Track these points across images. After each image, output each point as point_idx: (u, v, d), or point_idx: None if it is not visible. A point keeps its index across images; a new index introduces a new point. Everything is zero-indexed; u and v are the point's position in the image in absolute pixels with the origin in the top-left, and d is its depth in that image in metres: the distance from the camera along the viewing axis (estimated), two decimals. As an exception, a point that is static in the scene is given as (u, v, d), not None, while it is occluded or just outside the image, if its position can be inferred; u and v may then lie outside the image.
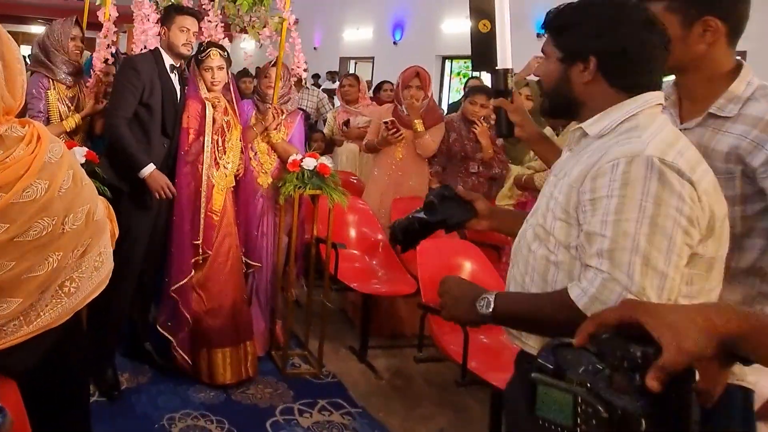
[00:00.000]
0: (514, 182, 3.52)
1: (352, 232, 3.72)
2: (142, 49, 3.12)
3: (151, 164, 2.78)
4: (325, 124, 5.41)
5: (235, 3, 3.28)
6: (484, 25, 1.54)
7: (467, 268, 2.92)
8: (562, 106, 1.28)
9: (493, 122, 1.64)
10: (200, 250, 2.91)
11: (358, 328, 3.54)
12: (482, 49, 1.55)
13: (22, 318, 1.26)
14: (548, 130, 3.83)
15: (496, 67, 1.54)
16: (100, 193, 1.66)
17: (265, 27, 3.28)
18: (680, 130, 1.25)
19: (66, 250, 1.32)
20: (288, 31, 3.19)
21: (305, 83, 5.95)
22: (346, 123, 4.68)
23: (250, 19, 3.39)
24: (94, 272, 1.43)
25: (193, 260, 2.92)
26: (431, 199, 1.45)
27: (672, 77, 1.37)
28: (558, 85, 1.24)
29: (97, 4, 3.20)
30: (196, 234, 2.90)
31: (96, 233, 1.42)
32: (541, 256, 1.21)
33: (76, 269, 1.38)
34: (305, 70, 3.46)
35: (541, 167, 3.11)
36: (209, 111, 2.92)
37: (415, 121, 3.71)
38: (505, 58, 1.53)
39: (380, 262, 3.61)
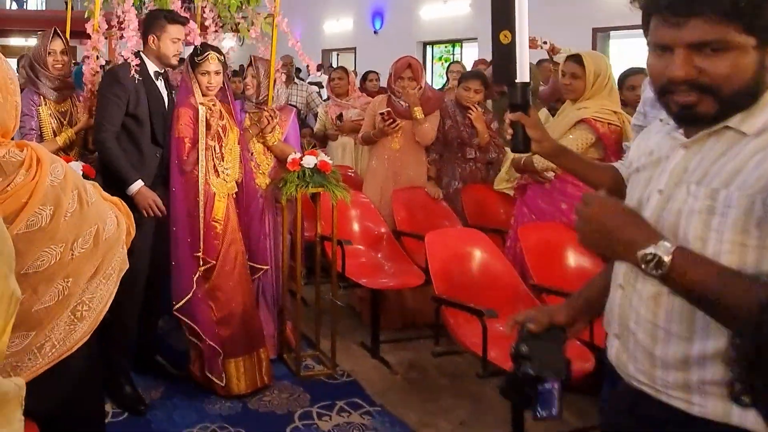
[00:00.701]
0: (512, 165, 3.45)
1: (356, 227, 3.64)
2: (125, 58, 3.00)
3: (139, 181, 2.71)
4: (316, 119, 5.31)
5: (223, 3, 3.18)
6: (505, 36, 1.46)
7: (477, 256, 2.85)
8: (746, 102, 1.00)
9: (509, 136, 1.55)
10: (200, 262, 2.81)
11: (368, 323, 3.47)
12: (502, 61, 1.46)
13: (36, 350, 1.19)
14: (543, 113, 3.77)
15: (515, 80, 1.46)
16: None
17: (252, 25, 3.20)
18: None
19: (77, 275, 1.25)
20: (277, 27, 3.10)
21: (293, 78, 5.84)
22: (339, 117, 4.58)
23: (239, 17, 3.30)
24: (103, 288, 1.36)
25: (195, 275, 2.82)
26: (522, 352, 1.21)
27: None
28: (757, 79, 0.99)
29: (85, 16, 3.06)
30: (197, 246, 2.80)
31: (107, 252, 1.34)
32: None
33: (86, 292, 1.31)
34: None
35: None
36: (202, 116, 2.82)
37: (415, 108, 3.64)
38: (523, 72, 1.46)
39: (386, 255, 3.54)
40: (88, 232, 1.28)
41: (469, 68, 5.61)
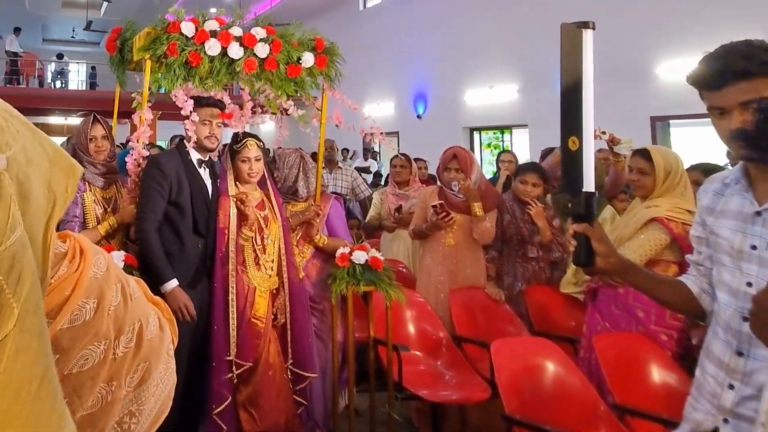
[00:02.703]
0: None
1: (412, 330, 3.60)
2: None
3: (174, 280, 2.76)
4: (361, 207, 5.32)
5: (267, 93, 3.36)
6: (573, 142, 1.49)
7: (550, 369, 2.76)
8: None
9: (572, 248, 1.57)
10: (233, 367, 2.80)
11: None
12: (570, 169, 1.50)
13: None
14: (609, 210, 3.75)
15: (582, 189, 1.49)
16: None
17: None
18: (759, 212, 1.30)
19: (120, 378, 1.23)
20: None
21: (337, 163, 5.94)
22: (398, 209, 4.51)
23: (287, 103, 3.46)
24: (153, 397, 1.33)
25: (230, 378, 2.81)
26: None
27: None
28: None
29: (132, 106, 3.26)
30: (227, 347, 2.80)
31: (152, 353, 1.33)
32: None
33: (135, 401, 1.29)
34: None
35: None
36: (233, 209, 2.92)
37: (475, 204, 3.63)
38: (589, 181, 1.49)
39: (446, 362, 3.46)
40: (131, 329, 1.26)
41: (531, 154, 5.62)
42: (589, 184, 1.48)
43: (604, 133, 4.33)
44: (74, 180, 0.69)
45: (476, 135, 12.16)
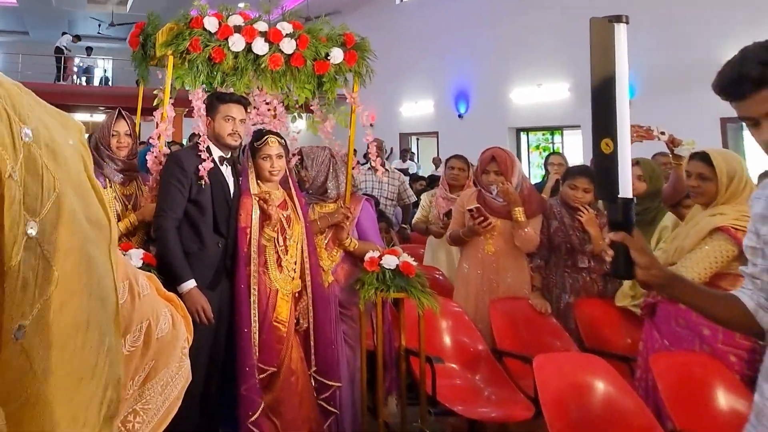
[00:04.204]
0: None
1: (447, 341, 3.53)
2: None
3: (192, 281, 2.78)
4: (403, 212, 5.26)
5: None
6: (607, 144, 1.45)
7: (600, 389, 2.66)
8: None
9: (609, 258, 1.55)
10: (255, 371, 2.80)
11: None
12: (604, 173, 1.45)
13: None
14: (671, 218, 3.60)
15: (618, 195, 1.47)
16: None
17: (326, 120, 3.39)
18: None
19: (125, 377, 1.21)
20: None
21: (384, 164, 5.87)
22: (448, 214, 4.37)
23: (314, 104, 3.46)
24: (160, 396, 1.31)
25: (258, 382, 2.79)
26: None
27: None
28: None
29: (154, 104, 3.29)
30: (250, 351, 2.80)
31: (160, 353, 1.31)
32: None
33: (138, 400, 1.27)
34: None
35: (671, 257, 2.89)
36: (255, 209, 2.93)
37: (516, 209, 3.56)
38: (625, 186, 1.47)
39: (484, 377, 3.38)
40: (138, 328, 1.26)
41: (584, 157, 5.51)
42: (626, 190, 1.47)
43: (663, 133, 4.20)
44: (82, 135, 0.74)
45: (523, 136, 12.03)
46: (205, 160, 2.92)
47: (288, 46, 3.15)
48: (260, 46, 3.11)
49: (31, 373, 0.60)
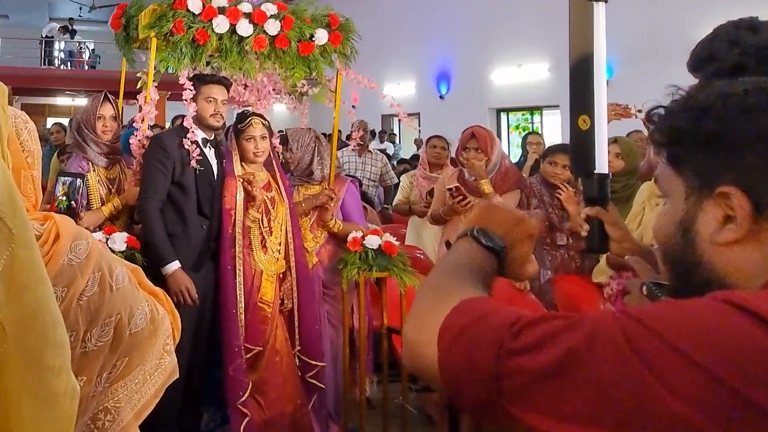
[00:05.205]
0: (607, 259, 3.32)
1: (428, 320, 3.53)
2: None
3: (176, 262, 2.77)
4: (384, 194, 5.26)
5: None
6: (584, 121, 1.45)
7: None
8: None
9: (584, 233, 1.55)
10: (242, 352, 2.81)
11: (444, 434, 3.30)
12: (581, 149, 1.46)
13: None
14: (648, 186, 3.63)
15: (594, 171, 1.47)
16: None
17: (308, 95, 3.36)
18: None
19: (91, 373, 1.19)
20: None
21: (368, 146, 5.87)
22: (431, 192, 4.35)
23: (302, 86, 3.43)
24: (136, 395, 1.29)
25: (244, 362, 2.80)
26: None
27: None
28: None
29: (138, 87, 3.22)
30: (237, 331, 2.81)
31: (134, 349, 1.28)
32: None
33: (110, 397, 1.24)
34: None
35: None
36: (240, 189, 2.92)
37: (482, 182, 3.56)
38: (601, 162, 1.47)
39: (464, 355, 3.40)
40: (108, 322, 1.21)
41: (563, 137, 5.56)
42: (601, 165, 1.46)
43: (640, 111, 4.20)
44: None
45: (503, 116, 12.04)
46: (189, 149, 2.89)
47: (273, 27, 3.10)
48: (245, 28, 3.06)
49: None
